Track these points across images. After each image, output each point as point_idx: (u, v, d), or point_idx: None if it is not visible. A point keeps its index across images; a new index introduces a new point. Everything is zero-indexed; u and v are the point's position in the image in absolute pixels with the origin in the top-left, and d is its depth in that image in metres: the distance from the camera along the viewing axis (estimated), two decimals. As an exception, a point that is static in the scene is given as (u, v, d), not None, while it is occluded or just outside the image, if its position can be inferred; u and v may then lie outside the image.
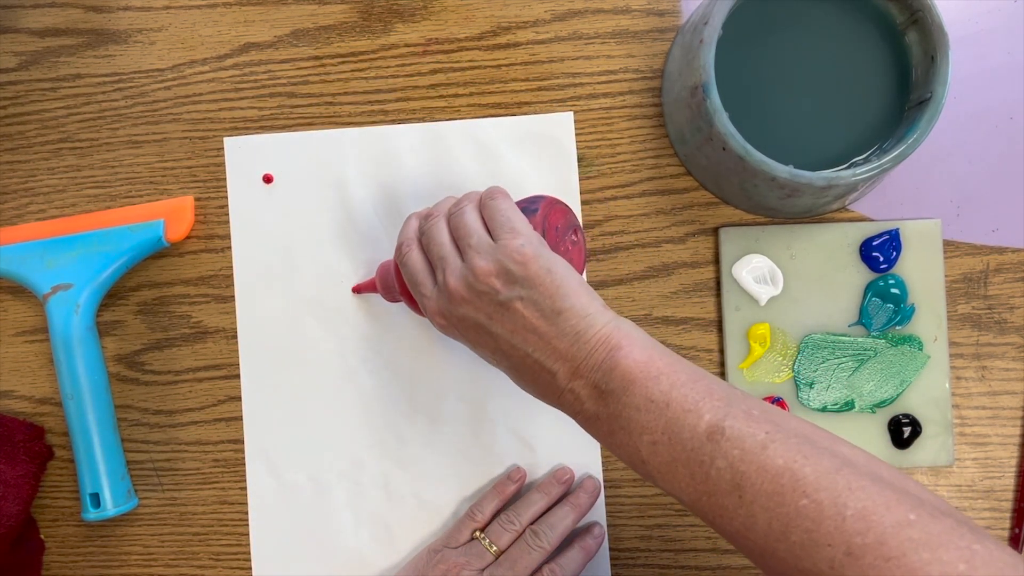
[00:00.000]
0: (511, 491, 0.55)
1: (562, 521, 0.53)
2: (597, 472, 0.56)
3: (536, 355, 0.42)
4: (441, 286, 0.45)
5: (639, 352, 0.41)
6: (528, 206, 0.47)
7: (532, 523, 0.53)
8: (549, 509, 0.54)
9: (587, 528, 0.55)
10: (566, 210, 0.48)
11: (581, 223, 0.46)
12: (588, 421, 0.43)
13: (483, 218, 0.45)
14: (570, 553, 0.53)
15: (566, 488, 0.55)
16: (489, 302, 0.43)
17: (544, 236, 0.46)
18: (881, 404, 0.55)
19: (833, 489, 0.35)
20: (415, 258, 0.47)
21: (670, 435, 0.39)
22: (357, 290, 0.56)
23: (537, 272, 0.42)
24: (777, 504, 0.36)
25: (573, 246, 0.48)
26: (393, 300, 0.54)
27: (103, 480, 0.55)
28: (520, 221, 0.44)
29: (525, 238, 0.43)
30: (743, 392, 0.41)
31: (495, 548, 0.52)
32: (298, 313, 0.57)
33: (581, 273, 0.47)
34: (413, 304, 0.50)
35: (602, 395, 0.41)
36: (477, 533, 0.53)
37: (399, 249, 0.48)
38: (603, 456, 0.56)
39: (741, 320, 0.55)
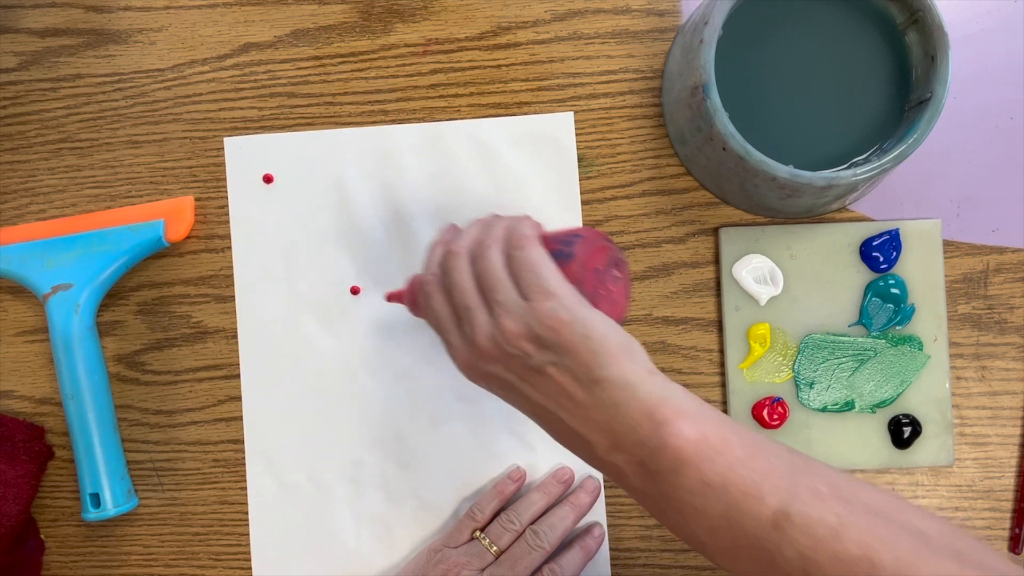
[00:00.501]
0: (511, 491, 0.55)
1: (562, 521, 0.53)
2: (597, 473, 0.56)
3: (571, 423, 0.39)
4: (468, 339, 0.42)
5: (689, 428, 0.37)
6: (563, 248, 0.42)
7: (532, 523, 0.53)
8: (549, 509, 0.54)
9: (587, 528, 0.55)
10: (605, 246, 0.44)
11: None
12: (634, 493, 0.40)
13: (510, 268, 0.41)
14: (570, 553, 0.53)
15: (566, 488, 0.55)
16: (520, 365, 0.40)
17: (582, 283, 0.42)
18: (881, 404, 0.55)
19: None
20: (439, 303, 0.44)
21: (730, 521, 0.36)
22: (389, 298, 0.53)
23: (571, 339, 0.39)
24: None
25: (615, 283, 0.44)
26: (420, 316, 0.50)
27: (103, 480, 0.55)
28: (551, 277, 0.40)
29: (557, 300, 0.39)
30: (804, 459, 0.38)
31: (495, 548, 0.52)
32: (298, 313, 0.57)
33: (625, 309, 0.45)
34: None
35: (650, 474, 0.38)
36: (477, 533, 0.53)
37: (422, 287, 0.45)
38: (603, 456, 0.56)
39: (741, 320, 0.55)
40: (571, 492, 0.55)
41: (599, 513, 0.56)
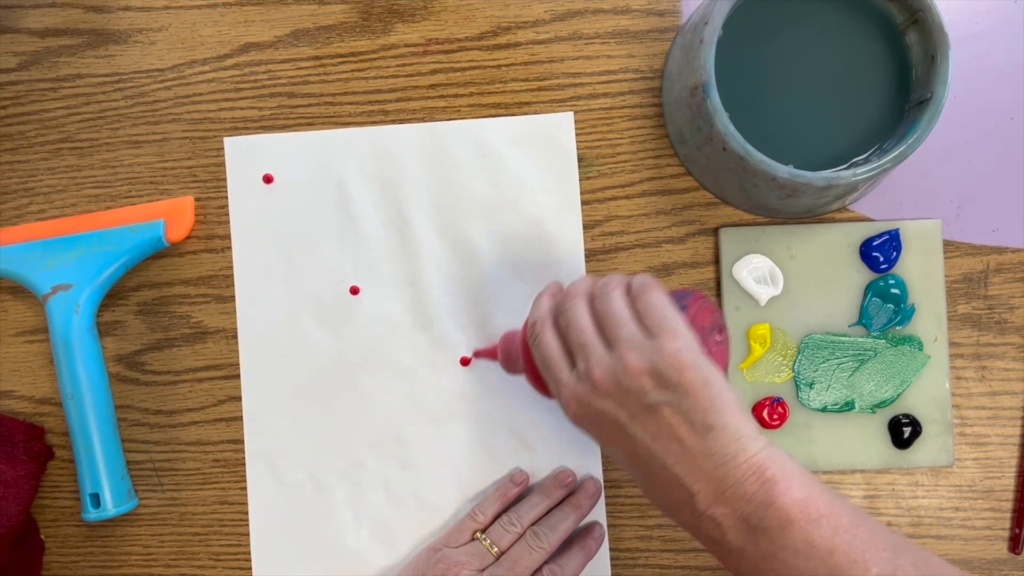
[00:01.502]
0: (513, 494, 0.55)
1: (563, 522, 0.53)
2: (597, 473, 0.56)
3: (676, 469, 0.39)
4: (583, 374, 0.41)
5: (798, 489, 0.38)
6: (676, 302, 0.44)
7: (533, 524, 0.53)
8: (550, 511, 0.54)
9: (587, 529, 0.55)
10: (713, 308, 0.46)
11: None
12: (728, 553, 0.40)
13: (633, 309, 0.42)
14: (570, 553, 0.53)
15: (568, 491, 0.55)
16: (635, 402, 0.40)
17: None
18: (881, 404, 0.55)
19: None
20: (550, 340, 0.44)
21: None
22: (477, 354, 0.55)
23: (693, 382, 0.39)
24: None
25: (717, 346, 0.46)
26: (514, 372, 0.51)
27: (103, 480, 0.55)
28: (678, 321, 0.41)
29: (684, 342, 0.40)
30: (904, 538, 0.39)
31: (496, 549, 0.52)
32: (298, 313, 0.57)
33: (725, 373, 0.45)
34: (538, 383, 0.48)
35: (752, 531, 0.38)
36: (479, 534, 0.53)
37: (531, 328, 0.45)
38: (603, 456, 0.56)
39: (741, 320, 0.55)
40: (572, 494, 0.55)
41: (599, 513, 0.56)
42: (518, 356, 0.50)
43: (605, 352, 0.41)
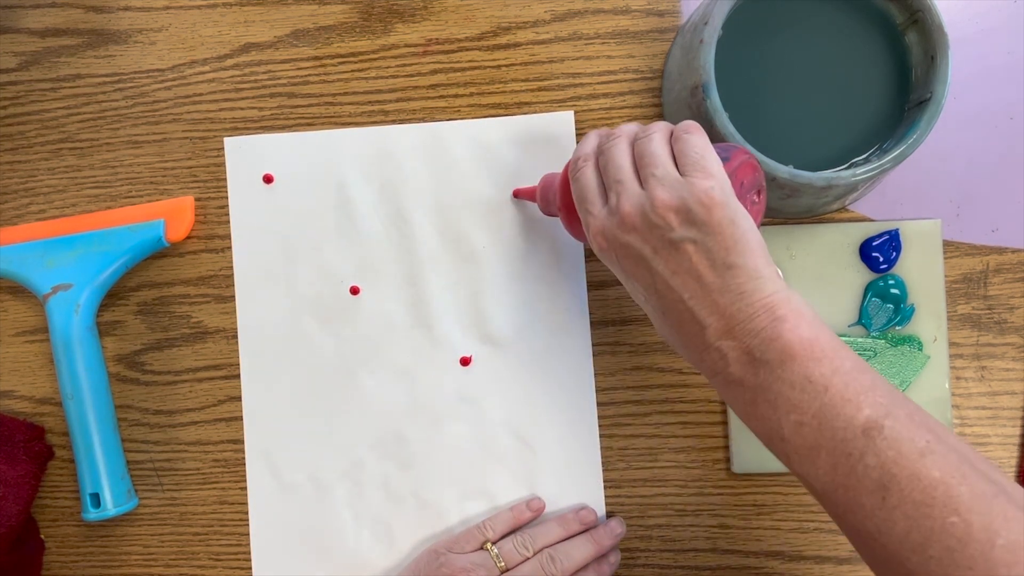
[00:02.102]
0: (526, 518, 0.54)
1: (580, 551, 0.52)
2: (597, 472, 0.56)
3: (691, 303, 0.40)
4: (612, 208, 0.43)
5: (806, 329, 0.39)
6: (721, 153, 0.44)
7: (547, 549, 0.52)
8: (565, 540, 0.53)
9: (603, 554, 0.54)
10: (756, 167, 0.46)
11: (737, 146, 0.45)
12: (727, 384, 0.41)
13: (673, 151, 0.43)
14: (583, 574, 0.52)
15: (586, 528, 0.54)
16: (659, 237, 0.41)
17: None
18: (881, 404, 0.55)
19: (987, 514, 0.34)
20: (589, 175, 0.45)
21: (820, 420, 0.37)
22: (516, 194, 0.56)
23: (720, 220, 0.40)
24: (923, 515, 0.35)
25: (753, 206, 0.46)
26: (549, 214, 0.53)
27: (103, 480, 0.55)
28: (715, 162, 0.41)
29: (716, 181, 0.40)
30: (904, 395, 0.39)
31: (503, 564, 0.51)
32: (298, 313, 0.57)
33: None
34: (571, 220, 0.49)
35: (753, 362, 0.39)
36: (488, 544, 0.52)
37: (574, 163, 0.46)
38: (604, 457, 0.56)
39: (741, 320, 0.55)
40: (593, 530, 0.54)
41: (600, 512, 0.56)
42: (555, 196, 0.50)
43: (638, 189, 0.42)
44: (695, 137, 0.42)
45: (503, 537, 0.53)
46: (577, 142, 0.56)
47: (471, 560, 0.51)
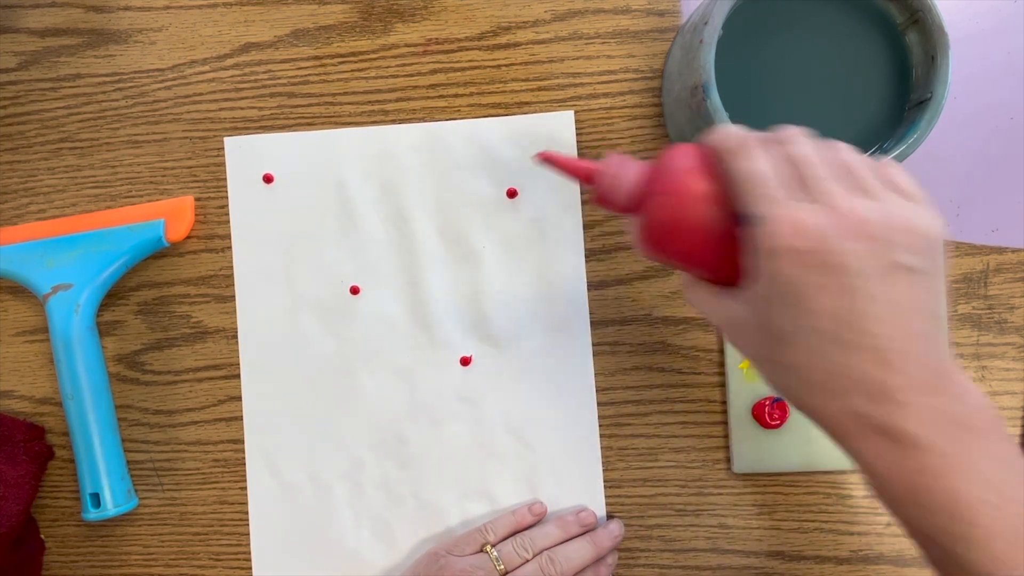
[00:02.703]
0: (528, 522, 0.54)
1: (579, 554, 0.52)
2: (597, 472, 0.56)
3: (892, 344, 0.34)
4: (833, 205, 0.34)
5: (989, 404, 0.35)
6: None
7: (546, 551, 0.52)
8: (565, 543, 0.53)
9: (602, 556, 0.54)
10: None
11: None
12: (905, 447, 0.34)
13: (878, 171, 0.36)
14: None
15: (586, 531, 0.54)
16: (887, 255, 0.34)
17: None
18: (881, 404, 0.55)
19: None
20: (766, 163, 0.36)
21: (1021, 505, 0.33)
22: (546, 159, 0.43)
23: (943, 264, 0.35)
24: None
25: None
26: (608, 203, 0.41)
27: (103, 480, 0.55)
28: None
29: (943, 222, 0.35)
30: None
31: (502, 566, 0.51)
32: (298, 313, 0.57)
33: None
34: (672, 219, 0.38)
35: (954, 426, 0.34)
36: (488, 548, 0.52)
37: (736, 143, 0.37)
38: (604, 457, 0.56)
39: (741, 320, 0.55)
40: (592, 532, 0.54)
41: (600, 513, 0.56)
42: (647, 180, 0.40)
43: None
44: (897, 169, 0.37)
45: (503, 540, 0.53)
46: (577, 142, 0.56)
47: (470, 563, 0.51)
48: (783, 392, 0.38)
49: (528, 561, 0.51)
